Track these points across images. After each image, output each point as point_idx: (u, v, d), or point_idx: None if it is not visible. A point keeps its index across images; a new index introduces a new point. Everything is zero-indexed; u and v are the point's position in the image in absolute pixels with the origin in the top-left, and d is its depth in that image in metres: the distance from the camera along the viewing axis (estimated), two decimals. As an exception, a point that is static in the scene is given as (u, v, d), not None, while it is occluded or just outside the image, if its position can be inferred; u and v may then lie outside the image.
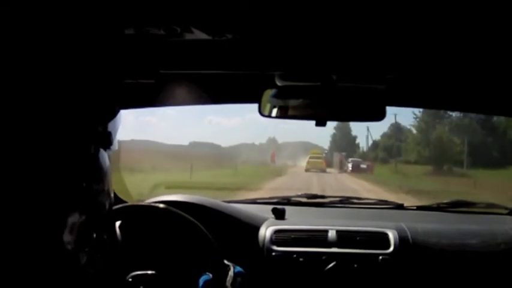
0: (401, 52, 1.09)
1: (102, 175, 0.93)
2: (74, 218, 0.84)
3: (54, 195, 0.82)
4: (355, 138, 30.92)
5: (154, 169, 13.19)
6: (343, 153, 26.53)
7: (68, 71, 0.91)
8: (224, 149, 25.55)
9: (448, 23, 0.92)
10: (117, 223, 1.28)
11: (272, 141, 30.63)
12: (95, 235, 0.91)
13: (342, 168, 23.01)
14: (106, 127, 0.97)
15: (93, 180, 0.91)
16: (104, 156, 0.96)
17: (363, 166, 22.21)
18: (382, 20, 0.91)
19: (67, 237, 0.82)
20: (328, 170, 22.25)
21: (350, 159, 24.22)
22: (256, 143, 30.39)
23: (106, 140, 0.96)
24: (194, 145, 23.78)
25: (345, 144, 29.10)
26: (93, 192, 0.91)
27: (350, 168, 21.72)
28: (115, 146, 1.01)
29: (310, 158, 22.62)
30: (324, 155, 25.34)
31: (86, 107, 0.93)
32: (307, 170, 20.49)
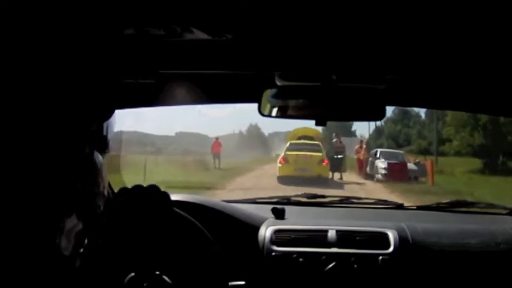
0: (401, 52, 1.09)
1: (97, 176, 0.93)
2: (68, 220, 0.84)
3: (49, 196, 0.82)
4: (351, 125, 23.83)
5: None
6: (365, 139, 15.90)
7: (66, 71, 0.91)
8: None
9: (448, 23, 0.91)
10: (118, 222, 1.28)
11: (254, 129, 24.23)
12: (90, 236, 0.91)
13: (361, 170, 12.61)
14: (101, 130, 0.97)
15: (87, 181, 0.91)
16: (98, 157, 0.96)
17: (412, 167, 12.08)
18: (382, 20, 0.91)
19: (62, 239, 0.82)
20: (330, 174, 11.11)
21: (379, 151, 13.09)
22: (235, 131, 24.40)
23: (102, 143, 0.96)
24: (180, 136, 20.91)
25: (340, 132, 19.67)
26: (88, 194, 0.91)
27: (384, 171, 11.37)
28: (110, 148, 1.01)
29: (292, 145, 11.63)
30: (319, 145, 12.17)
31: (82, 107, 0.93)
32: (282, 177, 10.06)
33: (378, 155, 12.72)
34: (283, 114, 1.28)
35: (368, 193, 8.72)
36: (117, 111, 1.12)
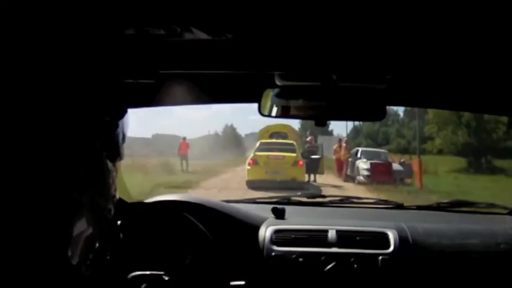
0: (401, 52, 1.09)
1: (108, 180, 0.93)
2: (79, 224, 0.84)
3: (59, 200, 0.82)
4: (328, 124, 22.50)
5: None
6: (344, 137, 14.82)
7: (69, 73, 0.91)
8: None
9: (447, 23, 0.91)
10: (118, 222, 1.28)
11: (230, 130, 23.85)
12: (101, 241, 0.91)
13: (340, 171, 11.76)
14: (113, 134, 0.97)
15: (98, 185, 0.91)
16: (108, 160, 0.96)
17: (398, 168, 11.08)
18: (382, 20, 0.91)
19: (72, 243, 0.82)
20: (307, 176, 10.20)
21: (360, 150, 12.36)
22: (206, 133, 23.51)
23: (113, 146, 0.96)
24: (157, 138, 20.28)
25: (318, 132, 17.56)
26: (99, 198, 0.91)
27: (366, 172, 10.55)
28: (122, 156, 1.01)
29: (263, 144, 10.52)
30: (294, 142, 11.24)
31: (88, 109, 0.93)
32: (252, 182, 8.98)
33: (359, 155, 11.71)
34: (283, 114, 1.28)
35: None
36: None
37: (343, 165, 11.69)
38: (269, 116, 1.27)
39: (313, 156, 10.81)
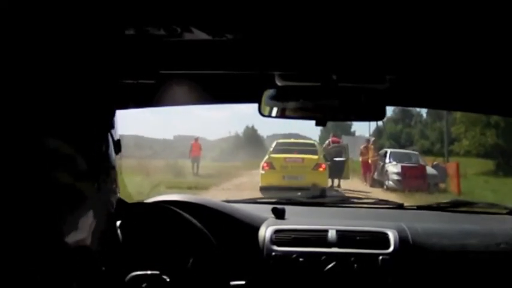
0: (402, 52, 1.09)
1: (111, 174, 0.94)
2: (84, 218, 0.84)
3: (64, 195, 0.83)
4: (350, 125, 23.19)
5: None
6: (372, 138, 13.59)
7: (68, 72, 0.91)
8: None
9: (448, 23, 0.92)
10: (118, 222, 1.28)
11: (251, 131, 23.51)
12: (102, 234, 0.91)
13: (367, 175, 10.71)
14: (115, 129, 0.97)
15: (103, 179, 0.91)
16: (112, 155, 0.96)
17: (432, 172, 9.93)
18: (382, 20, 0.91)
19: (76, 236, 0.83)
20: (329, 181, 9.13)
21: (388, 151, 11.29)
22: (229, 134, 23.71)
23: (116, 142, 0.96)
24: (179, 139, 20.23)
25: (339, 133, 18.49)
26: (103, 192, 0.92)
27: (397, 176, 9.45)
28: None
29: (279, 145, 9.45)
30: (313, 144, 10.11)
31: (89, 106, 0.93)
32: (266, 188, 7.80)
33: (387, 157, 10.56)
34: (283, 114, 1.28)
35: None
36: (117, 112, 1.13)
37: (370, 169, 10.68)
38: (269, 116, 1.27)
39: (337, 159, 9.70)
